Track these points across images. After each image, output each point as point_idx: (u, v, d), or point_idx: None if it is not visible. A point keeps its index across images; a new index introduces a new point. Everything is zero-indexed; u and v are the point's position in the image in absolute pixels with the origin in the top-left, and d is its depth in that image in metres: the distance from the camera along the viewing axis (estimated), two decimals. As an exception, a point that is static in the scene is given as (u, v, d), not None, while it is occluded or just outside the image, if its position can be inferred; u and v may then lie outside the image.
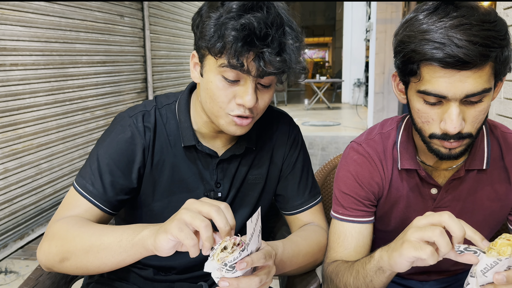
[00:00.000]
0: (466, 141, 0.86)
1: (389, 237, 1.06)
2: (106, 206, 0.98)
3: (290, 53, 0.86)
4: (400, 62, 0.86)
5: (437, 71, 0.79)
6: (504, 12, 2.02)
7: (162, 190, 1.04)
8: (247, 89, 0.88)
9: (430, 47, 0.77)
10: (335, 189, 1.07)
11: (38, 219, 3.17)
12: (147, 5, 4.74)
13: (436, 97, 0.81)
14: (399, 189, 1.02)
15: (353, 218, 1.03)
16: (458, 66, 0.76)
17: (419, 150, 1.00)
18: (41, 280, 1.07)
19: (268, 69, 0.85)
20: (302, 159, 1.15)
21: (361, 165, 1.03)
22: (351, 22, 12.10)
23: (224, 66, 0.86)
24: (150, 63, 4.83)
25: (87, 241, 0.86)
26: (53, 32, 3.23)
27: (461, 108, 0.81)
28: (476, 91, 0.78)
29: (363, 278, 0.88)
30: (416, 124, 0.90)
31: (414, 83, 0.85)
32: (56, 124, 3.30)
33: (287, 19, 0.89)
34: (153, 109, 1.04)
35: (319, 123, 8.59)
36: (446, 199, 1.00)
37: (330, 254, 1.05)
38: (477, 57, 0.75)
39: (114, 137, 1.01)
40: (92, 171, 0.98)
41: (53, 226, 0.93)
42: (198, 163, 1.05)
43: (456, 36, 0.75)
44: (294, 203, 1.13)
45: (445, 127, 0.82)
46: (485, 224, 1.02)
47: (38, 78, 3.09)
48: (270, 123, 1.13)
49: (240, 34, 0.81)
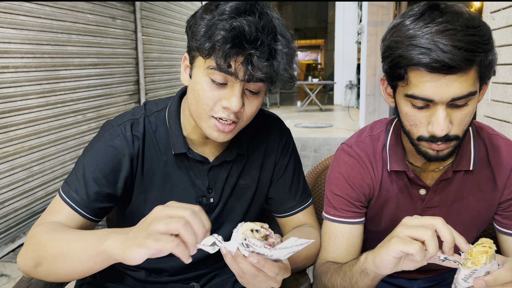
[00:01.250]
0: (453, 143, 0.87)
1: (379, 237, 1.09)
2: (89, 213, 0.97)
3: (279, 59, 0.86)
4: (388, 67, 0.87)
5: (424, 76, 0.80)
6: (490, 16, 2.06)
7: (154, 198, 1.04)
8: (234, 93, 0.88)
9: (416, 52, 0.79)
10: (327, 191, 1.09)
11: (30, 222, 3.16)
12: (139, 7, 4.74)
13: (424, 101, 0.83)
14: (389, 190, 1.04)
15: (344, 219, 1.04)
16: (444, 70, 0.78)
17: (407, 152, 1.02)
18: (33, 282, 1.07)
19: (256, 74, 0.85)
20: (293, 163, 1.16)
21: (352, 167, 1.05)
22: (342, 24, 12.17)
23: (212, 68, 0.86)
24: (142, 65, 4.83)
25: (57, 247, 0.84)
26: (45, 34, 3.22)
27: (447, 111, 0.83)
28: (462, 95, 0.80)
29: (349, 279, 0.89)
30: (404, 127, 0.92)
31: (402, 87, 0.86)
32: (47, 127, 3.29)
33: (280, 28, 0.89)
34: (142, 117, 1.03)
35: (311, 125, 8.63)
36: (434, 200, 1.02)
37: (321, 254, 1.06)
38: (462, 62, 0.76)
39: (101, 146, 1.00)
40: (77, 178, 0.98)
41: (32, 231, 0.92)
42: (190, 170, 1.05)
43: (441, 41, 0.77)
44: (286, 206, 1.14)
45: (432, 130, 0.84)
46: (472, 224, 1.04)
47: (30, 80, 3.08)
48: (261, 128, 1.13)
49: (230, 35, 0.82)
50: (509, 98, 1.86)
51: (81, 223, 0.97)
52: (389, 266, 0.77)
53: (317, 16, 20.48)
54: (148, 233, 0.70)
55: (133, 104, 4.69)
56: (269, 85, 0.90)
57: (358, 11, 10.18)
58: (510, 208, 1.00)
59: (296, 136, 7.27)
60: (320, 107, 11.47)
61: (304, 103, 11.63)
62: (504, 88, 1.93)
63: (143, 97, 4.84)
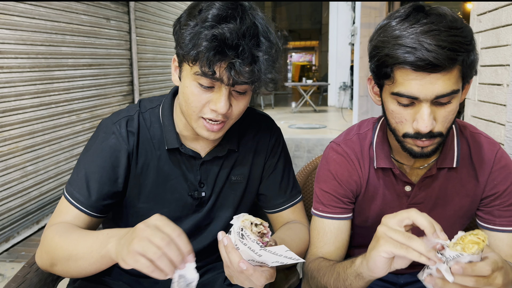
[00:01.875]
0: (437, 140, 0.91)
1: (367, 232, 1.11)
2: (94, 211, 1.02)
3: (261, 64, 0.89)
4: (375, 66, 0.91)
5: (409, 74, 0.84)
6: (477, 18, 2.10)
7: (148, 192, 1.07)
8: (220, 96, 0.91)
9: (402, 51, 0.82)
10: (316, 188, 1.12)
11: (24, 222, 3.16)
12: (133, 8, 4.75)
13: (409, 99, 0.86)
14: (376, 187, 1.07)
15: (332, 214, 1.07)
16: (429, 69, 0.81)
17: (393, 150, 1.05)
18: (28, 278, 1.09)
19: (239, 79, 0.88)
20: (283, 160, 1.19)
21: (340, 164, 1.08)
22: (336, 26, 12.22)
23: (198, 74, 0.89)
24: (136, 66, 4.84)
25: (66, 251, 0.91)
26: (39, 35, 3.23)
27: (432, 109, 0.86)
28: (446, 92, 0.84)
29: (343, 281, 0.92)
30: (390, 125, 0.95)
31: (388, 86, 0.90)
32: (41, 127, 3.30)
33: (263, 29, 0.91)
34: (137, 114, 1.07)
35: (305, 126, 8.66)
36: (419, 196, 1.05)
37: (311, 249, 1.09)
38: (446, 61, 0.80)
39: (98, 145, 1.04)
40: (79, 178, 1.02)
41: (45, 232, 0.99)
42: (182, 164, 1.08)
43: (426, 41, 0.80)
44: (276, 202, 1.18)
45: (417, 127, 0.87)
46: (456, 219, 1.07)
47: (24, 80, 3.08)
48: (252, 125, 1.16)
49: (212, 44, 0.84)
50: (495, 99, 1.91)
51: (88, 221, 1.03)
52: (383, 267, 0.79)
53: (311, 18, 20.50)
54: (129, 250, 0.74)
55: (127, 104, 4.68)
56: (254, 87, 0.93)
57: (351, 13, 10.24)
58: (491, 204, 1.03)
59: (290, 137, 7.29)
60: (314, 108, 11.51)
61: (299, 104, 11.66)
62: (490, 89, 1.97)
63: (137, 97, 4.85)
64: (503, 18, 1.82)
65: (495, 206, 1.03)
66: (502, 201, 1.02)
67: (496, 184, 1.02)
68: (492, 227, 1.03)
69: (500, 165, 1.02)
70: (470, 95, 2.21)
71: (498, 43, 1.88)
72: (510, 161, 1.04)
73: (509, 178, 1.02)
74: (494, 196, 1.03)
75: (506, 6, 1.79)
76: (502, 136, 1.82)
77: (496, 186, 1.02)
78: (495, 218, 1.02)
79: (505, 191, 1.02)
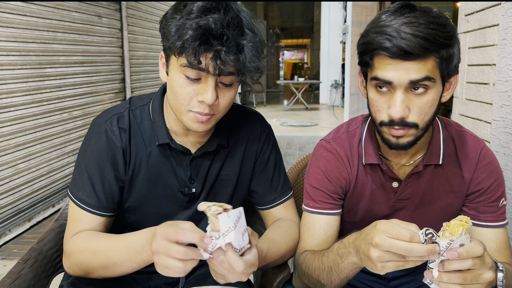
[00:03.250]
0: (412, 131, 0.94)
1: (355, 227, 1.14)
2: (106, 211, 1.05)
3: (246, 53, 0.91)
4: (359, 54, 0.96)
5: (385, 60, 0.89)
6: (465, 18, 2.14)
7: (139, 188, 1.09)
8: (207, 87, 0.93)
9: (381, 38, 0.88)
10: (306, 184, 1.14)
11: (15, 219, 3.15)
12: (125, 6, 4.74)
13: (385, 83, 0.91)
14: (364, 183, 1.10)
15: (322, 210, 1.10)
16: (402, 56, 0.86)
17: (381, 147, 1.08)
18: (23, 273, 1.09)
19: (225, 68, 0.90)
20: (274, 157, 1.21)
21: (330, 161, 1.11)
22: (328, 24, 12.25)
23: (184, 65, 0.91)
24: (128, 63, 4.83)
25: (101, 262, 0.96)
26: (30, 32, 3.22)
27: (406, 96, 0.90)
28: (420, 77, 0.87)
29: (337, 274, 0.94)
30: (372, 115, 0.99)
31: (369, 73, 0.95)
32: (33, 124, 3.29)
33: (248, 22, 0.94)
34: (127, 111, 1.09)
35: (297, 124, 8.69)
36: (406, 192, 1.07)
37: (300, 245, 1.11)
38: (417, 49, 0.85)
39: (93, 147, 1.06)
40: (84, 182, 1.04)
41: (67, 244, 1.03)
42: (172, 160, 1.09)
43: (404, 30, 0.85)
44: (267, 199, 1.19)
45: (389, 113, 0.91)
46: (443, 215, 1.10)
47: (15, 78, 3.07)
48: (242, 122, 1.18)
49: (197, 34, 0.87)
50: (482, 97, 1.94)
51: (104, 222, 1.06)
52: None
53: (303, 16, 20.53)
54: (156, 263, 0.81)
55: (119, 102, 4.69)
56: (240, 77, 0.95)
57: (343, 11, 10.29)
58: (476, 200, 1.06)
59: (282, 135, 7.31)
60: (306, 106, 11.55)
61: (290, 102, 11.69)
62: (477, 88, 2.01)
63: (129, 95, 4.84)
64: (489, 19, 1.86)
65: (480, 202, 1.05)
66: (487, 197, 1.05)
67: (481, 180, 1.05)
68: (477, 223, 1.05)
69: (484, 162, 1.05)
70: (458, 94, 2.25)
71: (485, 43, 1.92)
72: (494, 158, 1.07)
73: (493, 174, 1.05)
74: (479, 193, 1.05)
75: (492, 6, 1.83)
76: (488, 134, 1.86)
77: (481, 182, 1.05)
78: (480, 214, 1.05)
79: (489, 187, 1.04)
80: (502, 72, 1.74)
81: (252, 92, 11.70)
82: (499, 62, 1.76)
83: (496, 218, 1.04)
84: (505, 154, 1.71)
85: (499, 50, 1.77)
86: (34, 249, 1.18)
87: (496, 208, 1.05)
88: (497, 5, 1.78)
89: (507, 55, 1.70)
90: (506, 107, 1.71)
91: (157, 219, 1.04)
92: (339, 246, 0.94)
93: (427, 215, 1.10)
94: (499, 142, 1.76)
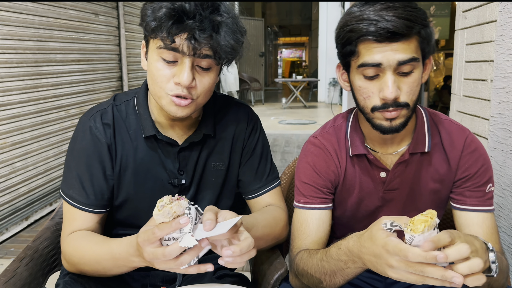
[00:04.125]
0: (404, 112, 0.96)
1: (347, 221, 1.17)
2: (98, 208, 1.07)
3: (221, 33, 0.92)
4: (340, 46, 0.99)
5: (372, 44, 0.92)
6: (462, 15, 2.13)
7: (128, 182, 1.09)
8: (184, 68, 0.93)
9: (364, 25, 0.91)
10: (296, 181, 1.15)
11: (13, 218, 3.15)
12: (122, 3, 4.73)
13: (374, 68, 0.93)
14: (353, 176, 1.12)
15: (313, 205, 1.11)
16: (389, 37, 0.89)
17: (366, 137, 1.10)
18: (18, 272, 1.09)
19: (200, 47, 0.91)
20: (261, 146, 1.21)
21: (318, 156, 1.13)
22: (326, 22, 12.25)
23: (161, 47, 0.93)
24: (125, 61, 4.82)
25: (92, 266, 1.00)
26: (27, 30, 3.20)
27: (395, 78, 0.93)
28: (407, 58, 0.91)
29: (342, 276, 0.93)
30: (359, 104, 1.01)
31: (354, 62, 0.97)
32: (30, 123, 3.28)
33: (225, 6, 0.95)
34: (110, 107, 1.10)
35: (295, 122, 8.69)
36: (395, 182, 1.09)
37: (295, 242, 1.12)
38: (403, 28, 0.89)
39: (79, 144, 1.07)
40: (73, 181, 1.06)
41: (63, 244, 1.06)
42: (160, 152, 1.10)
43: (386, 14, 0.89)
44: (253, 187, 1.20)
45: (383, 95, 0.94)
46: (432, 203, 1.11)
47: (11, 76, 3.06)
48: (230, 113, 1.18)
49: (171, 13, 0.88)
50: (479, 94, 1.94)
51: (97, 218, 1.08)
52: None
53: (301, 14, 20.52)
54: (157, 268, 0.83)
55: (116, 100, 4.67)
56: (217, 59, 0.95)
57: (340, 9, 10.28)
58: (463, 186, 1.07)
59: (281, 133, 7.32)
60: (304, 104, 11.55)
61: (289, 100, 11.69)
62: (474, 84, 2.01)
63: (127, 93, 4.82)
64: (487, 15, 1.86)
65: (466, 188, 1.07)
66: (473, 182, 1.06)
67: (467, 167, 1.06)
68: (463, 207, 1.07)
69: (470, 150, 1.07)
70: (455, 90, 2.25)
71: (482, 39, 1.91)
72: (480, 145, 1.09)
73: (480, 161, 1.06)
74: (465, 178, 1.07)
75: (490, 3, 1.82)
76: (486, 130, 1.86)
77: (467, 169, 1.06)
78: (466, 198, 1.06)
79: (476, 173, 1.06)
80: (500, 68, 1.74)
81: (250, 90, 11.70)
82: (497, 58, 1.76)
83: (482, 203, 1.05)
84: (503, 151, 1.71)
85: (496, 47, 1.77)
86: (30, 248, 1.18)
87: (482, 193, 1.06)
88: (495, 1, 1.78)
89: (505, 51, 1.70)
90: (504, 103, 1.71)
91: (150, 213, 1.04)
92: (338, 252, 0.92)
93: (418, 205, 1.12)
94: (497, 139, 1.76)
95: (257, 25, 12.27)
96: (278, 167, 1.32)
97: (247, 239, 0.82)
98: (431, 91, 7.47)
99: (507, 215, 1.68)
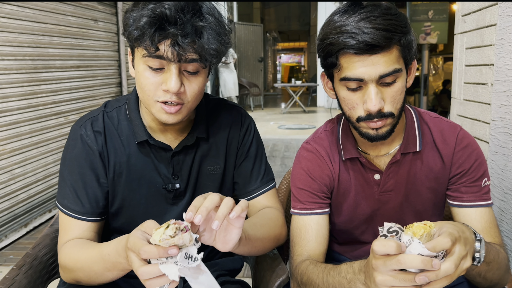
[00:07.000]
0: (390, 120, 0.96)
1: (344, 226, 1.17)
2: (93, 216, 1.06)
3: (205, 36, 0.91)
4: (322, 58, 0.98)
5: (352, 58, 0.91)
6: (462, 19, 2.14)
7: (123, 189, 1.09)
8: (171, 75, 0.92)
9: (344, 38, 0.90)
10: (292, 187, 1.15)
11: (12, 225, 3.13)
12: (121, 9, 4.73)
13: (356, 81, 0.93)
14: (347, 179, 1.12)
15: (310, 210, 1.11)
16: (368, 50, 0.88)
17: (358, 141, 1.10)
18: (17, 280, 1.09)
19: (185, 53, 0.89)
20: (255, 147, 1.20)
21: (311, 161, 1.13)
22: (325, 27, 12.28)
23: (145, 56, 0.92)
24: (125, 67, 4.82)
25: (86, 273, 0.97)
26: (26, 36, 3.20)
27: (378, 89, 0.93)
28: (388, 71, 0.91)
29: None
30: (345, 113, 1.01)
31: (337, 74, 0.97)
32: (29, 129, 3.27)
33: (208, 8, 0.94)
34: (101, 114, 1.09)
35: (295, 127, 8.69)
36: (389, 184, 1.09)
37: (295, 250, 1.11)
38: (382, 40, 0.88)
39: (71, 154, 1.07)
40: (68, 190, 1.06)
41: (59, 254, 1.04)
42: (153, 157, 1.09)
43: (364, 26, 0.88)
44: (248, 189, 1.19)
45: (367, 107, 0.93)
46: (430, 202, 1.11)
47: (11, 82, 3.06)
48: (223, 115, 1.18)
49: (152, 21, 0.87)
50: (480, 98, 1.94)
51: (93, 227, 1.07)
52: None
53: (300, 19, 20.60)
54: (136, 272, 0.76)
55: (116, 106, 4.66)
56: (204, 63, 0.94)
57: (339, 14, 10.29)
58: (458, 182, 1.07)
59: (280, 138, 7.32)
60: (303, 109, 11.56)
61: (288, 105, 11.70)
62: (474, 88, 2.00)
63: (126, 99, 4.82)
64: (487, 19, 1.86)
65: (461, 183, 1.07)
66: (468, 178, 1.06)
67: (461, 163, 1.06)
68: (461, 204, 1.06)
69: (462, 145, 1.07)
70: (456, 94, 2.25)
71: (482, 43, 1.91)
72: (473, 140, 1.09)
73: (473, 156, 1.06)
74: (460, 174, 1.07)
75: (490, 6, 1.83)
76: (487, 134, 1.85)
77: (461, 165, 1.06)
78: (462, 194, 1.06)
79: (470, 168, 1.06)
80: (500, 72, 1.74)
81: (250, 95, 11.71)
82: (497, 62, 1.76)
83: (479, 198, 1.05)
84: (504, 155, 1.70)
85: (496, 50, 1.77)
86: (29, 255, 1.17)
87: (478, 188, 1.06)
88: (494, 5, 1.78)
89: (505, 55, 1.70)
90: (505, 107, 1.71)
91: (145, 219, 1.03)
92: (347, 269, 0.90)
93: (415, 206, 1.12)
94: (498, 143, 1.75)
95: (256, 31, 12.30)
96: (278, 172, 1.32)
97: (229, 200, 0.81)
98: (430, 96, 7.48)
99: (509, 219, 1.67)
